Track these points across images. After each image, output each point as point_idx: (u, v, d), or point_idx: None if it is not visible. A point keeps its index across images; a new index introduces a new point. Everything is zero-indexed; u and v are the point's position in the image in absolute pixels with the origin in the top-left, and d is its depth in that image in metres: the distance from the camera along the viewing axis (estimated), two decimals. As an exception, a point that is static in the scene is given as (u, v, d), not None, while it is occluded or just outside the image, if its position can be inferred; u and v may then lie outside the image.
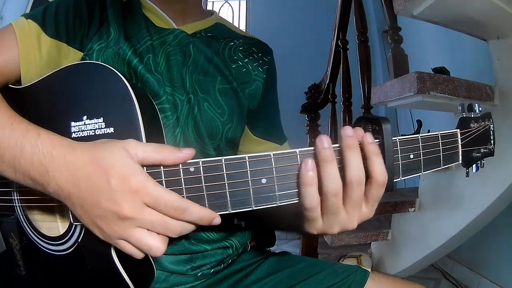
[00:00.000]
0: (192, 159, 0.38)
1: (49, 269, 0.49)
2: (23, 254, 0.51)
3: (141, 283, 0.47)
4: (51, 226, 0.48)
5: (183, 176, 0.38)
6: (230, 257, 0.64)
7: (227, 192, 0.38)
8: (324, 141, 0.36)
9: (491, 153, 0.50)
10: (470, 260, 1.83)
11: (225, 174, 0.37)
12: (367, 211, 0.40)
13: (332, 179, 0.36)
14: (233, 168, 0.37)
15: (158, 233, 0.38)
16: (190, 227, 0.38)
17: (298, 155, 0.38)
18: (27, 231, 0.50)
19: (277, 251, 0.69)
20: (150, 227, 0.37)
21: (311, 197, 0.37)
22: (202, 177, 0.38)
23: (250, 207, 0.38)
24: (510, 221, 1.51)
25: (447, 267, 1.97)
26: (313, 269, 0.61)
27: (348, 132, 0.37)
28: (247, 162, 0.37)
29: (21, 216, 0.51)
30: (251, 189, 0.37)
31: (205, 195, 0.38)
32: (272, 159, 0.37)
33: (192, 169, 0.38)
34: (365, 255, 1.63)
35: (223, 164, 0.37)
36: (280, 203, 0.38)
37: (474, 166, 0.49)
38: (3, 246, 0.54)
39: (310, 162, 0.36)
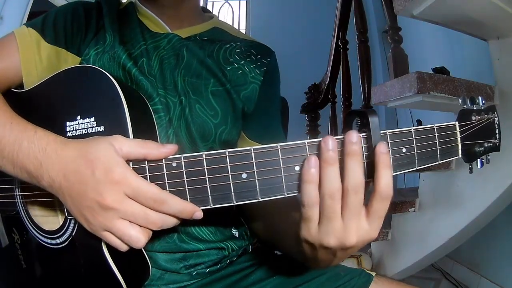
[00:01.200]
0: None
1: (47, 263, 0.51)
2: (24, 248, 0.53)
3: (135, 280, 0.48)
4: (52, 220, 0.50)
5: (166, 171, 0.39)
6: (227, 258, 0.63)
7: (208, 187, 0.38)
8: (329, 143, 0.36)
9: (496, 148, 0.45)
10: (470, 260, 1.82)
11: (205, 169, 0.38)
12: (367, 226, 0.37)
13: (331, 181, 0.36)
14: (213, 163, 0.38)
15: (140, 226, 0.39)
16: (171, 221, 0.40)
17: (279, 150, 0.37)
18: (27, 225, 0.52)
19: (279, 253, 0.68)
20: (131, 218, 0.39)
21: (310, 194, 0.36)
22: (184, 172, 0.38)
23: (231, 202, 0.38)
24: (510, 221, 1.50)
25: (447, 267, 1.96)
26: (315, 272, 0.59)
27: (353, 139, 0.36)
28: (227, 157, 0.38)
29: (22, 212, 0.52)
30: (231, 184, 0.38)
31: (186, 189, 0.39)
32: (253, 154, 0.37)
33: (174, 164, 0.39)
34: (365, 255, 1.63)
35: (204, 159, 0.38)
36: (261, 198, 0.38)
37: (478, 161, 0.45)
38: (5, 241, 0.56)
39: (313, 160, 0.36)
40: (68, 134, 0.45)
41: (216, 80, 0.62)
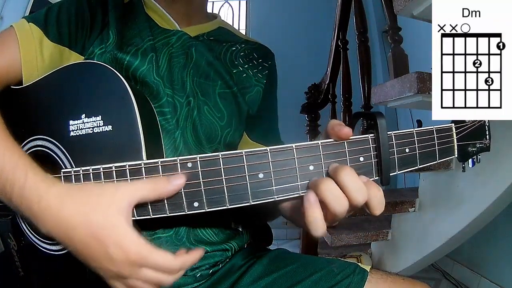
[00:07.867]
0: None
1: (47, 269, 0.49)
2: (21, 255, 0.51)
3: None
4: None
5: (181, 172, 0.38)
6: (227, 258, 0.63)
7: (225, 187, 0.38)
8: (312, 200, 0.37)
9: (487, 148, 0.50)
10: (470, 260, 1.83)
11: (222, 169, 0.38)
12: None
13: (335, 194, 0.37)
14: (230, 163, 0.38)
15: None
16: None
17: (294, 150, 0.39)
18: (25, 231, 0.50)
19: (271, 249, 0.68)
20: (144, 281, 0.39)
21: (318, 221, 0.37)
22: (200, 172, 0.38)
23: (248, 202, 0.38)
24: (510, 221, 1.50)
25: (447, 267, 1.96)
26: (308, 270, 0.59)
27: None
28: (244, 156, 0.38)
29: (18, 216, 0.50)
30: (248, 184, 0.38)
31: (202, 190, 0.38)
32: (269, 153, 0.38)
33: (189, 164, 0.38)
34: (365, 255, 1.63)
35: (220, 159, 0.38)
36: (277, 197, 0.38)
37: (470, 161, 0.50)
38: (1, 247, 0.53)
39: (312, 199, 0.37)
40: (72, 133, 0.43)
41: (224, 82, 0.62)
